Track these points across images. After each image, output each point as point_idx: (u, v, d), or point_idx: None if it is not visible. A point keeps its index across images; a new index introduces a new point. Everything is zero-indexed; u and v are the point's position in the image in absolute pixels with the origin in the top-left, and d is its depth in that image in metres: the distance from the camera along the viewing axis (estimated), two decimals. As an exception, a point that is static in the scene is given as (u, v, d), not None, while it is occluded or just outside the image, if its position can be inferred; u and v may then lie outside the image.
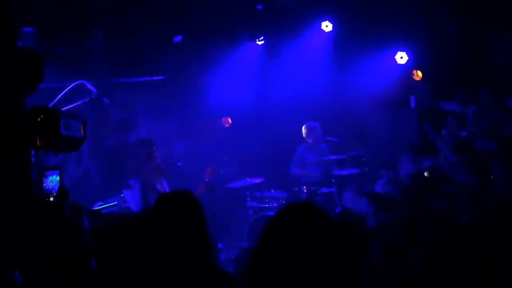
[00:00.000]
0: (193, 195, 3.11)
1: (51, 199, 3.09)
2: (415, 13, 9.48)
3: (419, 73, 10.07)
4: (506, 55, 9.62)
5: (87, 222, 3.11)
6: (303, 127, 9.11)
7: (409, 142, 8.68)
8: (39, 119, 3.16)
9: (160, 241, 2.91)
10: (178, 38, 9.98)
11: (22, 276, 2.50)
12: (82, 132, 3.42)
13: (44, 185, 3.11)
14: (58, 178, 3.14)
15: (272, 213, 8.62)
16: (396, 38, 9.75)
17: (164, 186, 6.88)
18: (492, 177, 6.86)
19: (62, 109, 4.05)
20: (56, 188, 3.11)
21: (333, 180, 8.72)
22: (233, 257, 7.54)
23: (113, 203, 7.35)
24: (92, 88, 4.70)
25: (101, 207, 7.25)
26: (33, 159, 3.22)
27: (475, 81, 9.50)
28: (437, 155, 8.30)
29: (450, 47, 9.74)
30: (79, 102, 4.56)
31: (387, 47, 9.82)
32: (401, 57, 9.93)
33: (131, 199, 6.94)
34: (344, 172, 8.80)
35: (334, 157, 8.97)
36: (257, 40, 10.28)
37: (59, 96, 4.33)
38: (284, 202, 8.82)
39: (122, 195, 7.19)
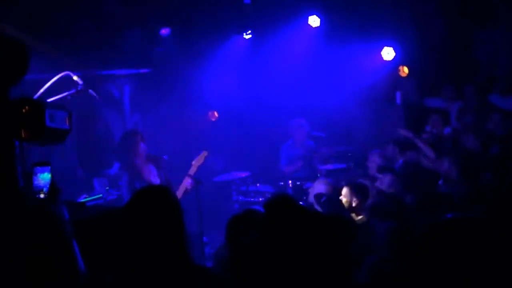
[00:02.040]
0: (170, 191, 3.10)
1: (41, 196, 3.05)
2: (402, 9, 9.51)
3: (405, 69, 10.11)
4: (492, 52, 9.69)
5: (66, 214, 3.08)
6: (290, 123, 9.12)
7: (395, 137, 8.72)
8: (24, 111, 3.13)
9: (134, 237, 2.90)
10: (165, 31, 9.94)
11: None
12: (67, 123, 3.40)
13: (35, 182, 3.07)
14: (49, 175, 3.10)
15: (258, 207, 8.64)
16: (383, 34, 9.77)
17: (155, 176, 6.85)
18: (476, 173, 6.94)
19: (48, 100, 4.02)
20: (47, 186, 3.07)
21: (319, 175, 8.74)
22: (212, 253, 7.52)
23: (98, 196, 7.33)
24: (78, 79, 4.66)
25: (86, 199, 7.23)
26: (17, 150, 3.19)
27: (461, 77, 9.56)
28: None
29: (437, 44, 9.79)
30: (65, 94, 4.52)
31: (374, 43, 9.85)
32: (388, 53, 9.96)
33: (101, 187, 6.95)
34: (329, 167, 8.83)
35: (320, 152, 8.99)
36: (244, 34, 10.26)
37: (45, 87, 4.29)
38: (269, 196, 8.84)
39: (107, 188, 7.17)
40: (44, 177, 3.10)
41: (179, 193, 6.82)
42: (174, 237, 2.93)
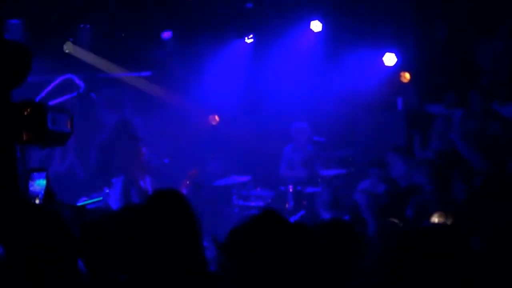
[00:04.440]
0: (184, 195, 3.09)
1: (37, 201, 3.05)
2: (405, 15, 9.51)
3: (407, 75, 10.11)
4: (494, 59, 9.67)
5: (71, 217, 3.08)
6: (292, 126, 9.11)
7: (395, 144, 8.71)
8: (26, 113, 3.12)
9: (150, 240, 2.87)
10: (166, 34, 9.94)
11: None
12: (69, 126, 3.39)
13: (31, 188, 3.06)
14: (45, 182, 3.09)
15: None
16: (385, 40, 9.77)
17: (147, 184, 6.84)
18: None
19: (50, 103, 4.01)
20: (43, 192, 3.07)
21: (319, 180, 8.73)
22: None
23: (99, 199, 7.30)
24: (80, 82, 4.66)
25: (86, 202, 7.20)
26: (18, 153, 3.18)
27: (463, 84, 9.55)
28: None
29: (439, 50, 9.78)
30: (66, 97, 4.51)
31: (375, 48, 9.84)
32: (390, 59, 9.95)
33: (111, 196, 6.92)
34: (330, 172, 8.82)
35: (320, 157, 8.98)
36: (246, 38, 10.26)
37: (47, 90, 4.28)
38: (270, 201, 8.82)
39: (107, 191, 7.14)
40: (40, 183, 3.10)
41: None
42: (190, 241, 2.91)
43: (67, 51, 8.96)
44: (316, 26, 9.96)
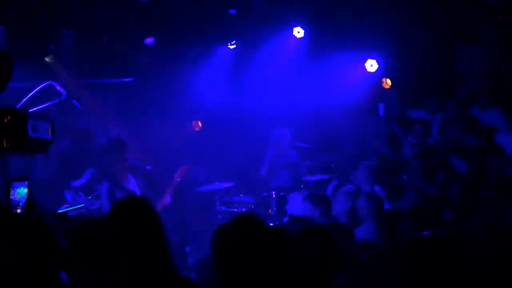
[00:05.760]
0: (147, 202, 3.09)
1: (18, 211, 3.03)
2: (386, 22, 9.59)
3: (389, 81, 10.19)
4: (474, 65, 9.79)
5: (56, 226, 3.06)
6: (273, 132, 9.13)
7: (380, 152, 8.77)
8: (6, 120, 3.11)
9: (114, 248, 2.89)
10: (149, 40, 9.93)
11: None
12: (50, 134, 3.38)
13: (11, 196, 3.04)
14: (26, 190, 3.07)
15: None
16: (367, 46, 9.84)
17: (134, 186, 6.82)
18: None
19: (30, 110, 3.99)
20: (24, 200, 3.05)
21: (302, 186, 8.75)
22: (196, 262, 7.53)
23: (81, 205, 7.27)
24: (61, 89, 4.63)
25: (68, 209, 7.17)
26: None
27: (443, 90, 9.65)
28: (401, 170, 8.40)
29: (420, 56, 9.88)
30: (48, 104, 4.48)
31: (357, 55, 9.91)
32: (371, 65, 10.03)
33: (73, 201, 6.93)
34: (313, 177, 8.83)
35: (302, 163, 9.00)
36: (229, 44, 10.28)
37: (28, 96, 4.25)
38: (252, 207, 8.82)
39: (89, 197, 7.12)
40: (20, 192, 3.08)
41: (158, 206, 6.77)
42: (154, 247, 2.92)
43: (47, 60, 8.92)
44: (298, 32, 10.01)
